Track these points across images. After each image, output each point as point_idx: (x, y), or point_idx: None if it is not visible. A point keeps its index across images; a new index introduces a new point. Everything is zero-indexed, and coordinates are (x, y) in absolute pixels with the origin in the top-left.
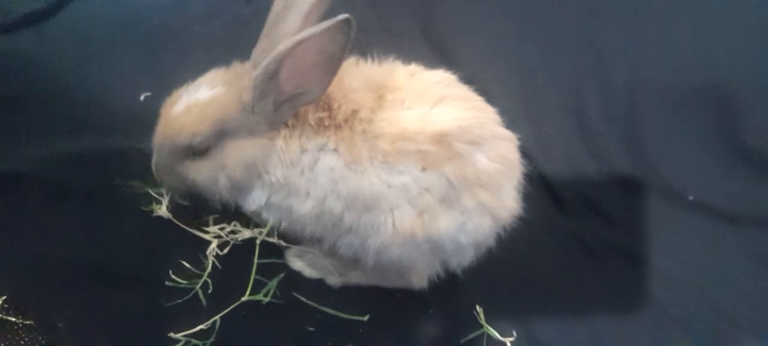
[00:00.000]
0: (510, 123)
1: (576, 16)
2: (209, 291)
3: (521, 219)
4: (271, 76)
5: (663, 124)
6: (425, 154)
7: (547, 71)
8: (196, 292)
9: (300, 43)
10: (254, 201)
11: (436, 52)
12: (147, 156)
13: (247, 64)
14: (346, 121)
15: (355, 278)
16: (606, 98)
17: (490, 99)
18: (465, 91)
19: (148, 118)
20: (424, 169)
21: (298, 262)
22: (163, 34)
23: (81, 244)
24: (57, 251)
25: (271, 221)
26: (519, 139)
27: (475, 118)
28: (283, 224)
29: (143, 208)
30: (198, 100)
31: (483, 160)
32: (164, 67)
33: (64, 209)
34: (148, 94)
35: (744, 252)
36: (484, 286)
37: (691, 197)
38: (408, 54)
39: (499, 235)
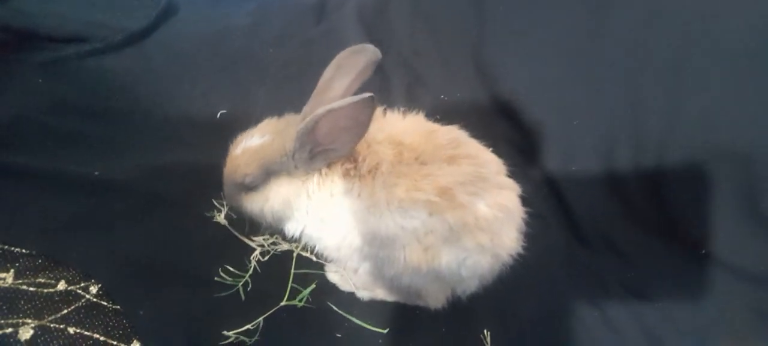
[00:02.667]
0: (542, 155)
1: (620, 63)
2: (249, 289)
3: (540, 249)
4: (310, 131)
5: (687, 180)
6: (432, 203)
7: (585, 114)
8: (239, 290)
9: (333, 110)
10: (290, 230)
11: (483, 83)
12: (218, 170)
13: (297, 117)
14: (370, 172)
15: (381, 294)
16: (637, 147)
17: (527, 131)
18: (474, 147)
19: (223, 134)
20: (430, 214)
21: (334, 275)
22: (242, 54)
23: (160, 245)
24: (142, 250)
25: (305, 242)
26: (549, 174)
27: (478, 174)
28: (316, 249)
29: (207, 213)
30: (251, 146)
31: (483, 209)
32: (241, 87)
33: (150, 214)
34: (224, 111)
35: (750, 307)
36: (496, 311)
37: (703, 251)
38: (458, 81)
39: (521, 264)
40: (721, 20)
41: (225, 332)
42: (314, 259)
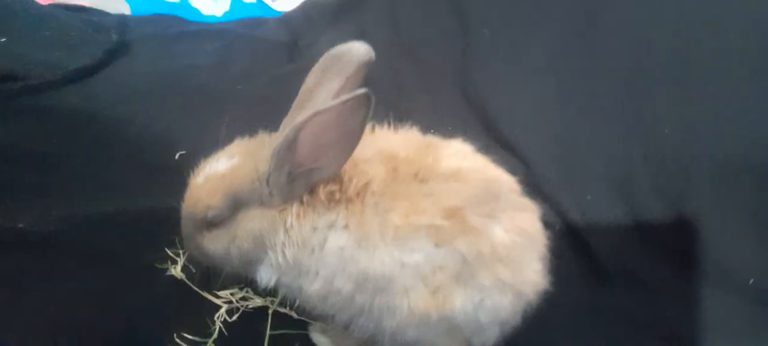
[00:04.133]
0: (551, 191)
1: (623, 81)
2: None
3: (560, 293)
4: (289, 146)
5: (716, 201)
6: (438, 229)
7: (591, 137)
8: None
9: (319, 113)
10: (263, 279)
11: (474, 113)
12: (175, 215)
13: (272, 136)
14: (358, 194)
15: None
16: (654, 169)
17: (530, 165)
18: (482, 162)
19: (181, 176)
20: (437, 245)
21: (321, 338)
22: (205, 92)
23: (95, 308)
24: (71, 315)
25: (282, 295)
26: (560, 207)
27: (491, 191)
28: (296, 302)
29: (157, 265)
30: (216, 172)
31: (500, 234)
32: (205, 125)
33: (82, 271)
34: (183, 152)
35: None
36: None
37: (751, 281)
38: (446, 113)
39: (537, 309)
40: (722, 22)
41: None
42: (294, 316)
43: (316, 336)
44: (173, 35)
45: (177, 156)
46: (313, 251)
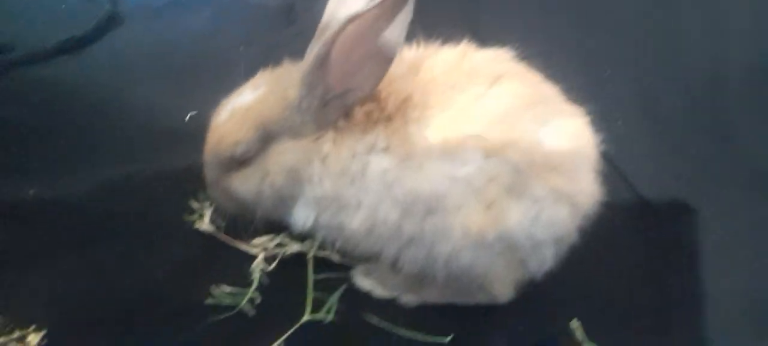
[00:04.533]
0: None
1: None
2: (256, 305)
3: (602, 222)
4: (321, 64)
5: (752, 108)
6: (487, 139)
7: (616, 62)
8: (242, 313)
9: (354, 20)
10: (300, 219)
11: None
12: (194, 173)
13: (297, 64)
14: (398, 111)
15: (430, 295)
16: (684, 85)
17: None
18: (522, 68)
19: (195, 136)
20: (486, 156)
21: (366, 281)
22: (204, 58)
23: (125, 273)
24: (98, 281)
25: (321, 237)
26: None
27: (539, 95)
28: (337, 243)
29: (186, 218)
30: (241, 106)
31: (552, 141)
32: (208, 88)
33: (107, 237)
34: (193, 113)
35: None
36: (573, 296)
37: None
38: None
39: (581, 235)
40: None
41: None
42: (336, 258)
43: (360, 279)
44: (165, 4)
45: (187, 118)
46: (354, 179)
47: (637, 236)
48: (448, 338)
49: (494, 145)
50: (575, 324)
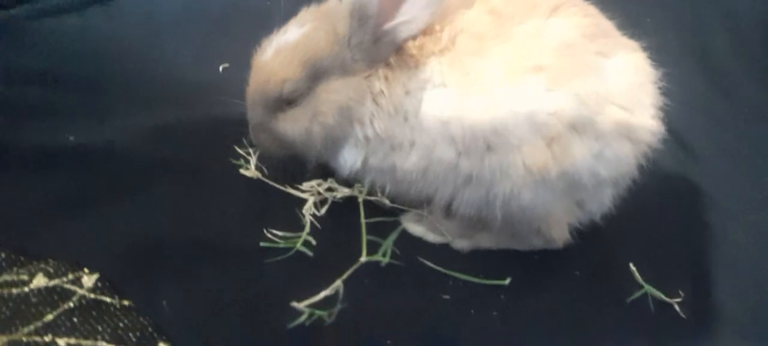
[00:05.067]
0: None
1: None
2: (309, 255)
3: (652, 169)
4: None
5: None
6: (549, 70)
7: (658, 9)
8: (298, 254)
9: None
10: (348, 161)
11: None
12: (234, 121)
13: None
14: (453, 43)
15: (484, 240)
16: (731, 29)
17: None
18: (581, 1)
19: (230, 87)
20: (549, 89)
21: (417, 227)
22: (234, 9)
23: (172, 216)
24: (149, 225)
25: (370, 182)
26: None
27: (599, 26)
28: (388, 187)
29: (232, 161)
30: (287, 43)
31: (615, 74)
32: (240, 40)
33: (150, 180)
34: (226, 65)
35: None
36: (627, 241)
37: None
38: None
39: (634, 181)
40: None
41: (294, 305)
42: (387, 203)
43: (411, 226)
44: None
45: (221, 69)
46: (407, 118)
47: (685, 180)
48: (507, 281)
49: (557, 77)
50: (633, 268)
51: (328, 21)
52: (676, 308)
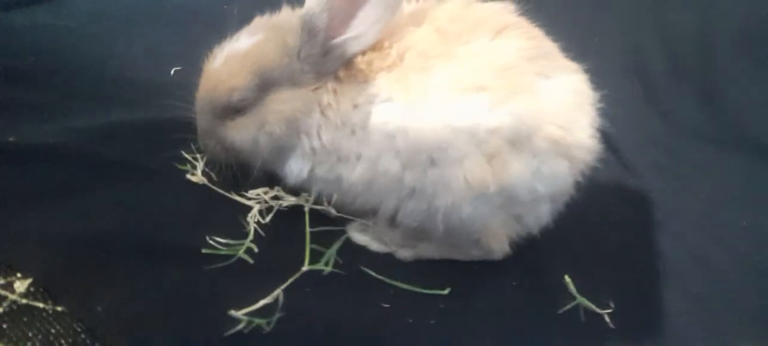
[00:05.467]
0: None
1: None
2: (251, 262)
3: (591, 186)
4: (323, 10)
5: (739, 72)
6: (491, 90)
7: (603, 32)
8: (240, 261)
9: None
10: (294, 171)
11: None
12: (182, 124)
13: (297, 10)
14: (402, 60)
15: (426, 250)
16: (671, 52)
17: None
18: (524, 22)
19: (181, 90)
20: (490, 107)
21: (362, 236)
22: (190, 12)
23: (114, 219)
24: (89, 227)
25: (316, 191)
26: None
27: (541, 48)
28: (334, 197)
29: (179, 166)
30: (238, 51)
31: (553, 94)
32: (195, 43)
33: (93, 182)
34: (178, 68)
35: None
36: (564, 254)
37: None
38: None
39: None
40: None
41: (232, 314)
42: (333, 212)
43: (356, 235)
44: None
45: (173, 72)
46: (354, 131)
47: (622, 196)
48: (447, 290)
49: (498, 96)
50: (568, 280)
51: (280, 32)
52: (606, 319)
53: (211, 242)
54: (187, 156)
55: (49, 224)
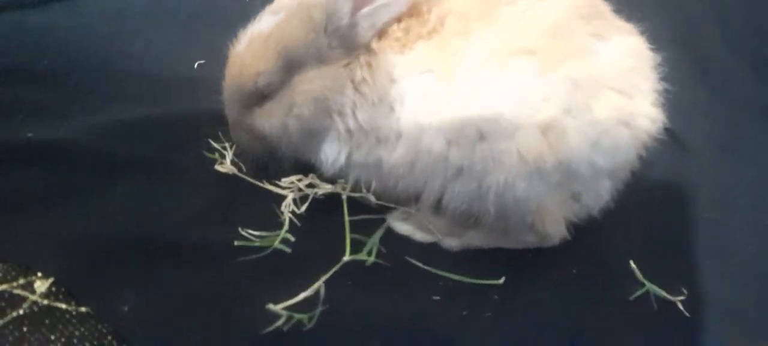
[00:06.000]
0: None
1: None
2: (288, 253)
3: (647, 163)
4: None
5: None
6: (542, 53)
7: (651, 3)
8: (274, 254)
9: None
10: (330, 157)
11: None
12: (208, 118)
13: None
14: (441, 24)
15: (475, 238)
16: (722, 20)
17: None
18: None
19: (205, 84)
20: (541, 72)
21: (404, 225)
22: (207, 8)
23: (138, 217)
24: (112, 226)
25: (354, 178)
26: None
27: (594, 7)
28: (373, 183)
29: (207, 154)
30: (260, 33)
31: (611, 56)
32: (215, 38)
33: (114, 180)
34: (202, 62)
35: None
36: (625, 238)
37: None
38: None
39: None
40: None
41: (271, 308)
42: (372, 200)
43: (397, 225)
44: None
45: (196, 66)
46: (393, 107)
47: (681, 174)
48: (502, 280)
49: (550, 60)
50: (634, 265)
51: (303, 7)
52: (680, 306)
53: (243, 233)
54: (215, 145)
55: (70, 224)
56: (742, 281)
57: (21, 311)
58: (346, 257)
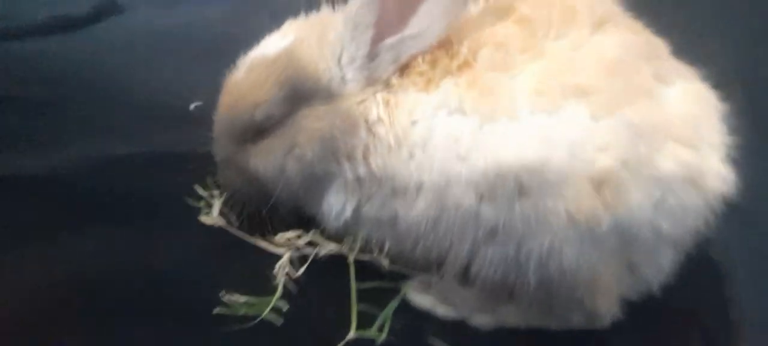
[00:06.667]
0: None
1: None
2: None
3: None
4: (371, 3)
5: None
6: (597, 94)
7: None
8: (264, 325)
9: None
10: (335, 208)
11: None
12: (200, 159)
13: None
14: (474, 58)
15: (510, 316)
16: None
17: None
18: (626, 14)
19: (200, 125)
20: (594, 117)
21: (424, 297)
22: (221, 43)
23: (114, 264)
24: (88, 270)
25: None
26: None
27: (654, 47)
28: (387, 244)
29: (192, 202)
30: (264, 58)
31: (676, 102)
32: (219, 77)
33: (100, 219)
34: (198, 103)
35: None
36: (691, 320)
37: None
38: None
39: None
40: None
41: None
42: (385, 265)
43: (415, 296)
44: None
45: (192, 107)
46: (413, 153)
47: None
48: None
49: (606, 102)
50: None
51: (316, 33)
52: None
53: (225, 300)
54: (201, 192)
55: (37, 265)
56: None
57: None
58: (352, 334)
